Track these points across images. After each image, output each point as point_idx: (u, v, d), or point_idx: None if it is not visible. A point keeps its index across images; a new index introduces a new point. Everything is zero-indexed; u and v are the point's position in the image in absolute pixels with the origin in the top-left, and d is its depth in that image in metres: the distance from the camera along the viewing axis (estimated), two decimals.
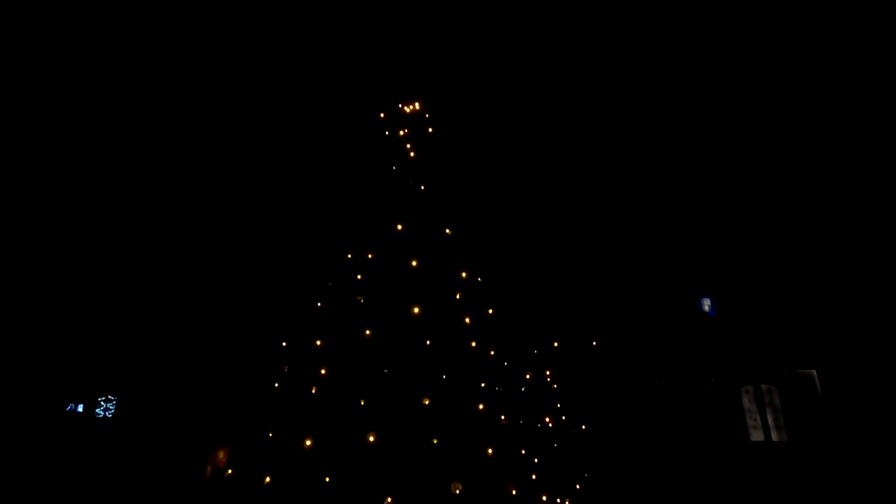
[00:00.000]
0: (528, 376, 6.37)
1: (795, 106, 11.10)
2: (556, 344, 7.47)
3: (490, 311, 5.25)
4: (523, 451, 4.99)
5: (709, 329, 11.35)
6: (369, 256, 4.93)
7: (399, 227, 4.98)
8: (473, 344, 4.92)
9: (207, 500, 4.55)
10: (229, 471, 4.54)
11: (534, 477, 4.93)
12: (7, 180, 10.63)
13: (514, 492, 4.34)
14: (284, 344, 4.97)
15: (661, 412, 10.70)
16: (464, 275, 5.11)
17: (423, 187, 5.41)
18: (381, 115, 5.98)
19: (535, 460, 5.13)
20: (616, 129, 11.98)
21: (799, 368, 10.63)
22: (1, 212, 10.60)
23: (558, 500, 5.96)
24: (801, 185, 11.10)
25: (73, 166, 11.24)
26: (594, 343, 9.30)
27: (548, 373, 6.72)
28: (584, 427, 6.96)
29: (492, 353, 5.05)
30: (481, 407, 4.48)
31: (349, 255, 5.09)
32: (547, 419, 6.29)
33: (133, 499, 8.41)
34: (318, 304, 4.81)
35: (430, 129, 5.69)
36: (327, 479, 3.90)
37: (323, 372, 4.33)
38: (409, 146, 5.46)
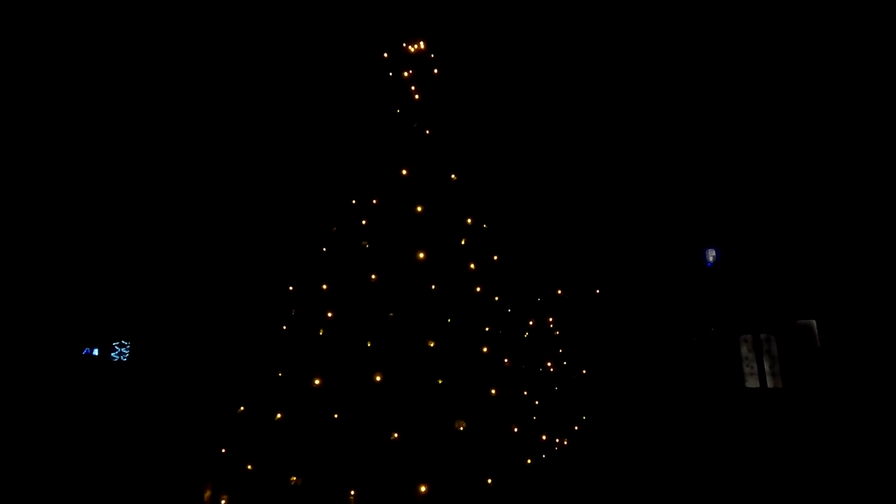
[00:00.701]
0: (531, 322, 6.48)
1: (801, 62, 10.80)
2: (559, 292, 7.55)
3: (495, 258, 5.26)
4: (525, 393, 5.14)
5: (711, 278, 11.42)
6: (374, 202, 4.89)
7: (404, 171, 4.91)
8: (478, 289, 4.96)
9: (221, 436, 4.73)
10: (241, 408, 4.70)
11: (535, 417, 5.11)
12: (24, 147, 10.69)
13: (515, 430, 4.51)
14: (291, 288, 5.02)
15: (660, 359, 10.94)
16: (469, 221, 5.09)
17: (427, 132, 5.29)
18: (385, 55, 5.75)
19: (536, 402, 5.29)
20: (623, 80, 11.63)
21: (799, 319, 10.76)
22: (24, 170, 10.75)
23: (557, 440, 6.21)
24: (804, 139, 10.92)
25: (86, 136, 11.23)
26: (597, 291, 9.38)
27: (550, 319, 6.83)
28: (584, 371, 7.14)
29: (496, 298, 5.11)
30: (485, 350, 4.58)
31: (353, 201, 5.05)
32: (549, 363, 6.44)
33: (147, 439, 8.81)
34: (324, 250, 4.83)
35: (436, 71, 5.49)
36: (336, 416, 4.05)
37: (329, 315, 4.40)
38: (413, 88, 5.30)
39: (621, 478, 6.19)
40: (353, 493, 3.68)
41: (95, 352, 11.89)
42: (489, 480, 4.02)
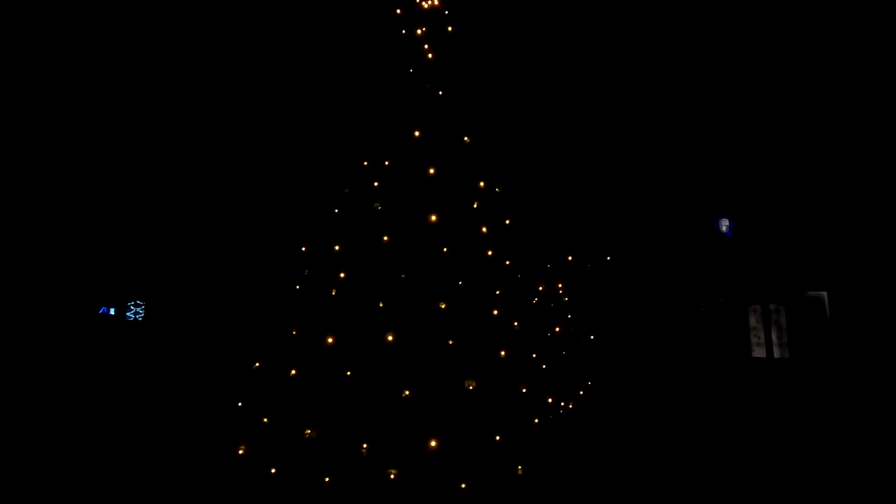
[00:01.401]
0: (540, 287, 6.52)
1: (814, 42, 10.48)
2: (570, 258, 7.54)
3: (507, 222, 5.22)
4: (534, 356, 5.20)
5: (723, 248, 11.34)
6: (386, 164, 4.85)
7: (416, 133, 4.84)
8: (490, 253, 4.97)
9: (235, 394, 4.86)
10: (257, 364, 4.82)
11: (542, 380, 5.19)
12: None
13: (523, 390, 4.59)
14: (304, 249, 5.06)
15: (668, 327, 11.00)
16: (482, 184, 5.03)
17: (441, 92, 5.18)
18: (398, 11, 5.59)
19: (544, 366, 5.36)
20: (640, 48, 11.29)
21: (809, 290, 10.71)
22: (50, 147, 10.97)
23: (562, 403, 6.33)
24: (819, 112, 10.67)
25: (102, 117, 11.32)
26: (608, 258, 9.37)
27: (560, 285, 6.86)
28: (592, 337, 7.20)
29: (507, 262, 5.11)
30: (496, 313, 4.60)
31: (365, 163, 5.01)
32: (557, 328, 6.51)
33: (161, 394, 9.09)
34: (336, 211, 4.83)
35: (450, 28, 5.34)
36: (348, 374, 4.13)
37: (342, 275, 4.43)
38: (426, 47, 5.17)
39: (623, 442, 6.33)
40: (365, 446, 3.79)
41: (111, 311, 12.18)
42: (497, 437, 4.12)
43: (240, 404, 4.52)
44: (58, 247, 11.19)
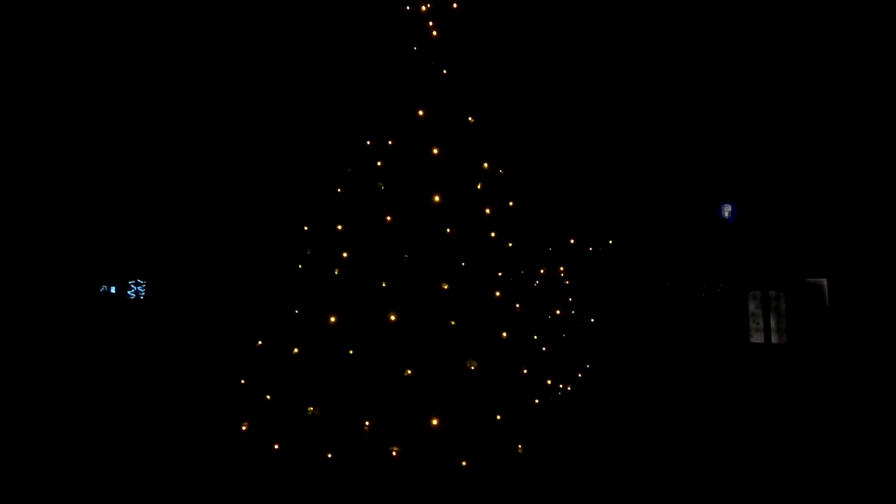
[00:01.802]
0: (542, 270, 6.54)
1: (815, 24, 10.33)
2: (572, 242, 7.53)
3: (510, 204, 5.21)
4: (535, 338, 5.23)
5: (725, 233, 11.33)
6: (389, 143, 4.81)
7: (420, 112, 4.79)
8: (493, 235, 4.96)
9: (237, 371, 4.90)
10: (259, 342, 4.84)
11: (543, 362, 5.24)
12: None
13: (524, 371, 4.63)
14: (306, 228, 5.06)
15: (668, 312, 11.04)
16: (486, 165, 5.00)
17: (445, 71, 5.12)
18: None
19: (544, 348, 5.40)
20: (644, 33, 11.13)
21: (809, 277, 10.73)
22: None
23: (561, 385, 6.39)
24: (822, 98, 10.57)
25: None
26: (610, 242, 9.37)
27: (562, 268, 6.87)
28: (592, 320, 7.24)
29: (510, 244, 5.11)
30: (498, 294, 4.62)
31: (368, 142, 4.97)
32: (557, 311, 6.55)
33: (162, 373, 9.16)
34: (338, 191, 4.80)
35: (455, 5, 5.25)
36: (351, 352, 4.16)
37: (345, 255, 4.43)
38: (431, 24, 5.09)
39: (620, 424, 6.40)
40: (367, 423, 3.83)
41: (113, 290, 12.21)
42: (498, 417, 4.16)
43: (242, 381, 4.57)
44: (59, 226, 11.16)
